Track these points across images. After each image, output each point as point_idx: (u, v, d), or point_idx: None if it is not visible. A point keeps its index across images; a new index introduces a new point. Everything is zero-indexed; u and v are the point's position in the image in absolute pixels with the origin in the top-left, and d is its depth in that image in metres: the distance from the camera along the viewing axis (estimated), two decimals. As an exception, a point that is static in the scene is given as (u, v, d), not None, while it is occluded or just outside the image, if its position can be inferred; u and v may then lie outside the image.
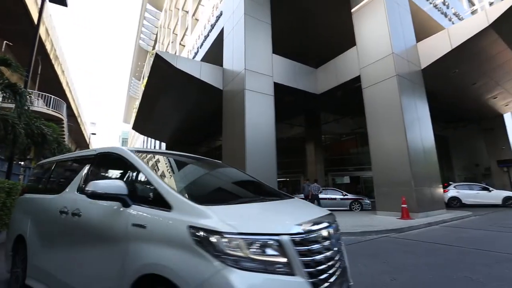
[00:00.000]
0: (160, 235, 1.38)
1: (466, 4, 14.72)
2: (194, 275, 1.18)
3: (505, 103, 14.20)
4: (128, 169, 1.92)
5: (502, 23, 7.53)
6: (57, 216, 2.12)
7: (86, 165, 2.27)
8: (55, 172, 2.84)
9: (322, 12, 10.87)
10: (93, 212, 1.86)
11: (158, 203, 1.50)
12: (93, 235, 1.79)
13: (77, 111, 27.79)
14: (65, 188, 2.29)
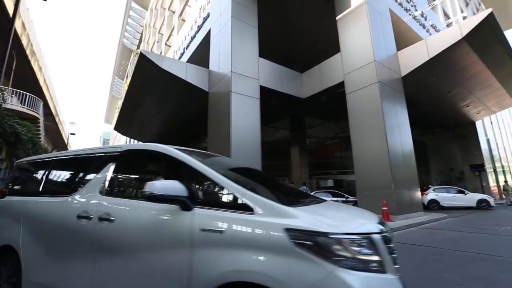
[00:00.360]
0: (245, 239, 1.28)
1: (442, 16, 15.56)
2: (300, 279, 1.12)
3: (476, 111, 15.07)
4: (174, 169, 1.74)
5: (474, 36, 8.02)
6: (72, 222, 1.83)
7: (109, 164, 1.96)
8: (55, 171, 2.46)
9: (308, 18, 11.11)
10: (133, 216, 1.63)
11: (231, 206, 1.42)
12: (136, 243, 1.56)
13: (55, 109, 26.57)
14: (78, 189, 2.00)
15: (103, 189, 1.88)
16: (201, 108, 10.15)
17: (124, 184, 2.02)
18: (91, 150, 2.29)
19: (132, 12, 32.03)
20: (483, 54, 9.08)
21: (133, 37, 35.40)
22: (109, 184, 1.88)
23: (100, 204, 1.80)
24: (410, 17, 11.38)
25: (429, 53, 8.66)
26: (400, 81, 9.18)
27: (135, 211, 1.66)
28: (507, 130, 31.42)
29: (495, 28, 8.24)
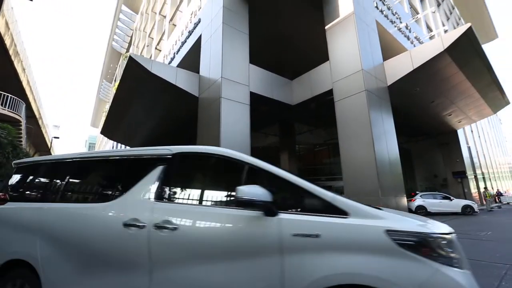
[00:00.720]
0: (343, 242, 1.29)
1: (425, 29, 16.25)
2: (408, 278, 1.16)
3: (458, 120, 15.69)
4: (242, 173, 1.65)
5: (454, 49, 8.41)
6: (116, 231, 1.64)
7: (158, 167, 1.80)
8: (81, 174, 2.19)
9: (298, 27, 11.34)
10: (202, 223, 1.53)
11: (320, 210, 1.42)
12: (209, 252, 1.46)
13: (38, 112, 25.74)
14: (120, 195, 1.80)
15: (155, 194, 1.71)
16: (191, 114, 10.08)
17: (182, 189, 1.85)
18: (132, 152, 2.06)
19: (122, 15, 31.72)
20: (463, 66, 9.52)
21: (123, 40, 34.98)
22: (162, 189, 1.73)
23: (155, 210, 1.63)
24: (396, 29, 11.83)
25: (413, 63, 9.00)
26: (386, 90, 9.46)
27: (204, 218, 1.55)
28: (486, 138, 32.86)
29: (473, 41, 8.67)
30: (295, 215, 1.43)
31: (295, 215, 1.43)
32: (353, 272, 1.22)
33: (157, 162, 1.85)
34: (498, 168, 36.41)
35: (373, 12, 10.26)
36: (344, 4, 9.17)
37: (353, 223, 1.33)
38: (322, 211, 1.41)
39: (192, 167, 1.90)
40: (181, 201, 1.74)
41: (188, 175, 1.91)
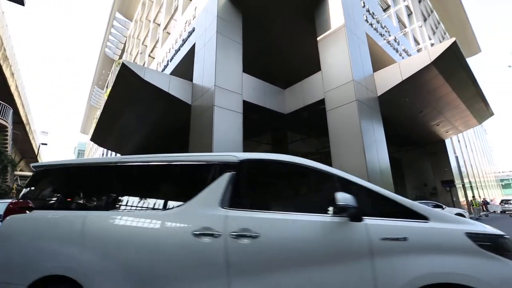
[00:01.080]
0: (428, 245, 1.41)
1: (413, 42, 16.85)
2: (491, 276, 1.30)
3: (445, 130, 16.13)
4: (313, 180, 1.74)
5: (440, 62, 8.73)
6: (185, 241, 1.54)
7: (226, 173, 1.74)
8: (130, 178, 2.02)
9: (291, 37, 11.59)
10: (285, 230, 1.50)
11: (401, 215, 1.53)
12: (296, 259, 1.45)
13: (26, 118, 25.17)
14: (185, 202, 1.70)
15: (225, 201, 1.65)
16: (183, 121, 10.04)
17: (254, 196, 1.83)
18: (193, 157, 1.95)
19: (116, 22, 31.75)
20: (449, 78, 9.87)
21: (116, 47, 34.88)
22: (233, 196, 1.67)
23: (230, 218, 1.57)
24: (385, 42, 12.22)
25: (402, 75, 9.27)
26: (376, 100, 9.68)
27: (286, 225, 1.53)
28: (472, 148, 33.78)
29: (458, 55, 9.03)
30: (379, 220, 1.51)
31: (380, 220, 1.51)
32: (444, 271, 1.35)
33: (224, 169, 1.79)
34: (484, 177, 37.36)
35: (363, 25, 10.59)
36: (335, 17, 9.45)
37: (436, 227, 1.48)
38: (403, 216, 1.53)
39: (260, 174, 1.89)
40: (257, 208, 1.67)
41: (257, 182, 1.89)
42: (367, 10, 11.37)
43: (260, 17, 10.72)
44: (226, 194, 1.68)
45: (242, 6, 10.18)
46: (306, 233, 1.50)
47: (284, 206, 1.71)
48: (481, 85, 11.39)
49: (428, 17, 25.06)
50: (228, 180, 1.73)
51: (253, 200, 1.78)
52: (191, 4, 12.65)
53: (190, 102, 9.74)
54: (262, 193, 1.89)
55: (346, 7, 9.57)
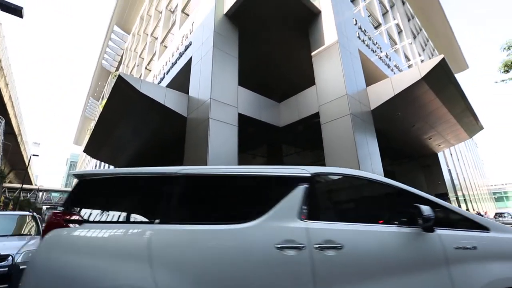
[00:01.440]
0: (495, 252, 1.58)
1: (403, 58, 17.40)
2: None
3: (438, 143, 16.40)
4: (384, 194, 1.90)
5: (430, 77, 9.00)
6: (268, 254, 1.51)
7: (298, 186, 1.76)
8: (197, 190, 1.93)
9: (286, 52, 11.87)
10: (365, 241, 1.57)
11: (467, 226, 1.71)
12: (378, 269, 1.51)
13: (18, 128, 24.81)
14: (260, 215, 1.66)
15: (303, 213, 1.66)
16: (178, 134, 10.03)
17: (330, 208, 1.91)
18: (263, 170, 1.93)
19: (113, 35, 32.15)
20: (439, 93, 10.15)
21: (113, 59, 35.14)
22: (309, 208, 1.69)
23: (311, 230, 1.58)
24: (377, 57, 12.59)
25: (394, 90, 9.50)
26: (370, 114, 9.85)
27: (366, 235, 1.60)
28: (465, 161, 34.28)
29: (447, 71, 9.34)
30: (449, 231, 1.66)
31: (450, 231, 1.66)
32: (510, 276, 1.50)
33: (296, 182, 1.80)
34: (477, 190, 37.73)
35: (356, 42, 10.94)
36: (328, 34, 9.75)
37: (499, 236, 1.65)
38: (466, 227, 1.70)
39: (331, 186, 1.97)
40: (334, 220, 1.74)
41: (330, 195, 1.98)
42: (359, 27, 11.78)
43: (256, 32, 11.00)
44: (302, 206, 1.70)
45: (239, 22, 10.46)
46: (385, 244, 1.58)
47: (358, 218, 1.78)
48: (471, 100, 11.72)
49: (417, 34, 26.06)
50: (303, 193, 1.75)
51: (330, 212, 1.87)
52: (189, 19, 12.94)
53: (186, 115, 9.76)
54: (336, 205, 2.00)
55: (339, 24, 9.91)
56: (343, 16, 10.61)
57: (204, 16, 10.72)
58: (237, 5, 9.87)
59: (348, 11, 11.41)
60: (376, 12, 15.97)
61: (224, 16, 10.25)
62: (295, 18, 10.55)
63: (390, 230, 1.63)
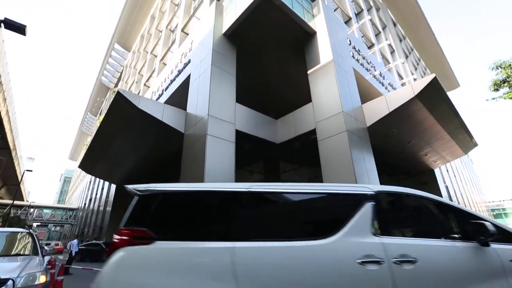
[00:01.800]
0: None
1: (397, 77, 17.88)
2: None
3: (434, 159, 16.51)
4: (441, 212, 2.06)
5: (423, 95, 9.21)
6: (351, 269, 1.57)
7: (365, 203, 1.86)
8: (271, 207, 1.98)
9: (283, 69, 12.16)
10: (434, 255, 1.71)
11: (507, 240, 1.85)
12: (445, 282, 1.65)
13: (13, 143, 24.57)
14: (335, 231, 1.72)
15: (375, 229, 1.77)
16: (175, 150, 10.01)
17: (397, 224, 2.01)
18: (331, 187, 2.02)
19: (114, 52, 32.83)
20: (433, 110, 10.35)
21: (112, 76, 35.65)
22: (379, 224, 1.81)
23: (386, 245, 1.68)
24: (371, 76, 12.93)
25: (389, 107, 9.68)
26: (366, 131, 9.96)
27: (435, 250, 1.74)
28: (461, 177, 34.37)
29: (439, 89, 9.58)
30: (501, 245, 1.79)
31: (501, 245, 1.80)
32: None
33: (362, 199, 1.90)
34: (475, 207, 37.56)
35: (350, 61, 11.27)
36: (324, 53, 10.06)
37: None
38: (509, 241, 1.85)
39: (394, 204, 2.09)
40: (403, 235, 1.89)
41: (395, 211, 2.08)
42: (353, 47, 12.19)
43: (253, 50, 11.32)
44: (374, 222, 1.80)
45: (237, 41, 10.78)
46: (452, 257, 1.74)
47: (424, 233, 1.91)
48: (464, 117, 11.96)
49: (409, 54, 26.98)
50: (371, 209, 1.85)
51: (397, 228, 1.97)
52: (188, 38, 13.32)
53: (183, 131, 9.79)
54: (401, 222, 2.08)
55: (334, 44, 10.26)
56: (337, 37, 11.01)
57: (204, 35, 11.06)
58: (235, 25, 10.22)
59: (342, 31, 11.85)
60: (369, 33, 16.61)
61: (222, 35, 10.58)
62: (292, 38, 10.92)
63: (454, 244, 1.81)
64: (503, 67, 9.80)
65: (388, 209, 2.02)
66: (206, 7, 12.41)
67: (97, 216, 27.90)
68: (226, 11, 11.14)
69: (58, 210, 49.68)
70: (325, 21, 10.57)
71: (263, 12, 9.74)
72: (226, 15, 10.98)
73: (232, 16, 10.38)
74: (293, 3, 10.35)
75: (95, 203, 30.45)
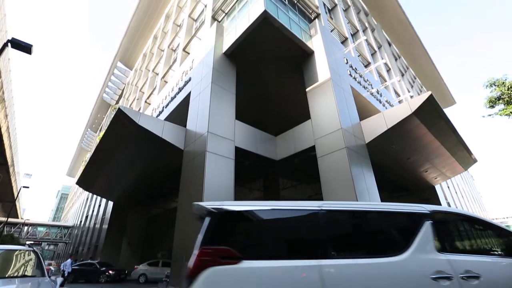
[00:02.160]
0: None
1: (393, 94, 18.21)
2: None
3: (434, 176, 16.42)
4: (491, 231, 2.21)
5: (420, 112, 9.32)
6: (426, 284, 1.71)
7: (425, 222, 2.02)
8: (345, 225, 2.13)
9: (281, 87, 12.38)
10: (494, 271, 1.85)
11: None
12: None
13: (12, 159, 24.46)
14: (402, 248, 1.85)
15: (438, 246, 1.90)
16: (174, 167, 9.97)
17: (456, 242, 2.16)
18: (391, 207, 2.18)
19: (116, 70, 33.55)
20: (431, 127, 10.43)
21: (114, 93, 36.20)
22: (441, 242, 1.95)
23: (452, 261, 1.81)
24: (368, 93, 13.16)
25: (387, 124, 9.76)
26: (365, 148, 9.98)
27: (492, 266, 1.86)
28: (463, 194, 34.05)
29: (436, 106, 9.72)
30: None
31: None
32: None
33: (421, 218, 2.05)
34: (479, 224, 36.83)
35: (348, 79, 11.52)
36: (322, 71, 10.30)
37: None
38: None
39: (449, 223, 2.24)
40: (461, 252, 2.01)
41: (450, 230, 2.22)
42: (350, 66, 12.50)
43: (253, 68, 11.59)
44: (435, 240, 1.94)
45: (237, 60, 11.07)
46: (508, 272, 1.86)
47: (478, 251, 2.06)
48: (462, 133, 12.03)
49: (405, 72, 27.65)
50: (431, 228, 1.99)
51: (455, 245, 2.12)
52: (189, 57, 13.67)
53: (183, 147, 9.79)
54: (457, 239, 2.22)
55: (331, 63, 10.53)
56: (334, 56, 11.32)
57: (204, 54, 11.36)
58: (235, 45, 10.54)
59: (339, 51, 12.20)
60: (365, 52, 17.11)
61: (223, 54, 10.87)
62: (290, 56, 11.22)
63: (507, 261, 1.92)
64: (496, 84, 10.02)
65: (444, 227, 2.16)
66: (207, 28, 12.85)
67: (92, 234, 27.23)
68: (227, 32, 11.52)
69: (52, 228, 48.50)
70: (322, 41, 10.92)
71: (262, 33, 10.08)
72: (227, 36, 11.35)
73: (232, 36, 10.73)
74: (291, 24, 10.75)
75: (91, 220, 29.83)
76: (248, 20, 10.04)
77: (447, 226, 2.24)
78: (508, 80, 9.90)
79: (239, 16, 11.20)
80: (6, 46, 7.57)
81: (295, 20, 11.30)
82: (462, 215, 2.29)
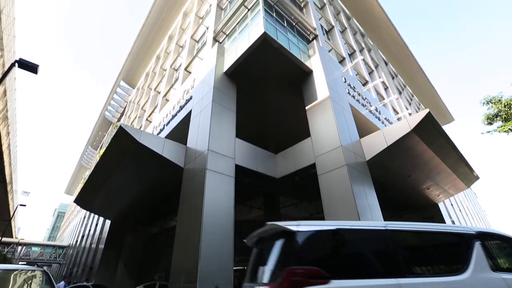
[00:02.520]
0: None
1: (392, 112, 18.44)
2: None
3: (437, 193, 16.22)
4: None
5: (419, 129, 9.38)
6: None
7: (474, 242, 2.17)
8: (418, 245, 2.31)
9: (281, 105, 12.56)
10: None
11: None
12: None
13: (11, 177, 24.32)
14: (461, 268, 2.00)
15: (490, 265, 1.98)
16: (174, 185, 9.88)
17: (503, 261, 2.23)
18: (443, 227, 2.40)
19: (119, 89, 34.23)
20: (430, 144, 10.46)
21: (116, 111, 36.69)
22: (491, 261, 2.06)
23: (507, 280, 1.93)
24: (367, 111, 13.33)
25: (387, 141, 9.79)
26: (365, 165, 9.94)
27: None
28: (467, 212, 33.45)
29: (434, 123, 9.81)
30: None
31: None
32: None
33: (472, 239, 2.19)
34: (485, 243, 35.86)
35: (346, 97, 11.72)
36: (320, 90, 10.50)
37: None
38: None
39: (495, 243, 2.30)
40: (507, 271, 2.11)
41: (497, 250, 2.28)
42: (349, 84, 12.76)
43: (253, 87, 11.83)
44: (486, 259, 2.06)
45: (237, 79, 11.33)
46: None
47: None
48: (463, 150, 12.03)
49: (402, 90, 28.17)
50: (481, 248, 2.12)
51: (504, 264, 2.17)
52: (191, 76, 14.00)
53: (183, 165, 9.77)
54: (504, 258, 2.29)
55: (330, 81, 10.76)
56: (333, 75, 11.59)
57: (205, 74, 11.65)
58: (236, 65, 10.83)
59: (337, 70, 12.51)
60: (363, 71, 17.53)
61: (223, 74, 11.15)
62: (289, 76, 11.49)
63: None
64: (493, 102, 10.17)
65: (490, 247, 2.23)
66: (209, 49, 13.27)
67: (88, 255, 26.44)
68: (228, 52, 11.89)
69: (47, 247, 47.18)
70: (321, 60, 11.23)
71: (262, 53, 10.40)
72: (228, 56, 11.70)
73: (233, 56, 11.05)
74: (290, 45, 11.11)
75: (87, 240, 29.09)
76: (248, 41, 10.39)
77: (493, 246, 2.32)
78: (504, 98, 10.07)
79: (240, 37, 11.61)
80: (13, 66, 7.77)
81: (294, 41, 11.69)
82: (505, 237, 2.40)
